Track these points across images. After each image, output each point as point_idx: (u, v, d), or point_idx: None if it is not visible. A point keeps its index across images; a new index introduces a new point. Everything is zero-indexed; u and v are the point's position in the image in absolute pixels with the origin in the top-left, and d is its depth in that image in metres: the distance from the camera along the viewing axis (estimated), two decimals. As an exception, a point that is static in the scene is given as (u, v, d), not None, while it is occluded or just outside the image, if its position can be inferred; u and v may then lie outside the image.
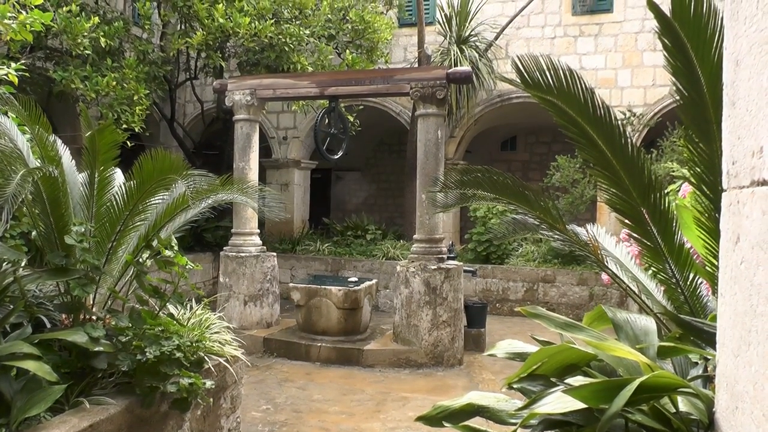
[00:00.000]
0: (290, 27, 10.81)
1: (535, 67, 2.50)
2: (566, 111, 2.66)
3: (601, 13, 13.59)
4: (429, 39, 13.53)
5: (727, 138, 1.35)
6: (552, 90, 2.57)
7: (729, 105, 1.34)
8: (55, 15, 9.17)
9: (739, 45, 1.27)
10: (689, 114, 2.67)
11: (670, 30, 2.28)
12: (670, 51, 2.41)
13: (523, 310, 2.35)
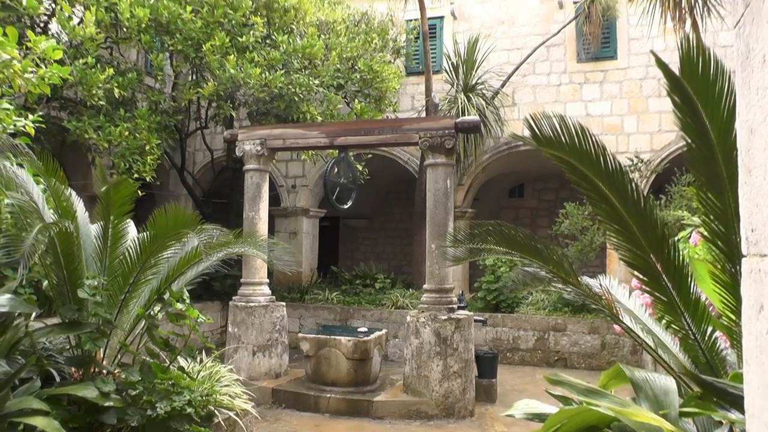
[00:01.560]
0: (300, 77, 10.98)
1: (546, 125, 2.54)
2: (579, 168, 2.68)
3: (606, 60, 13.76)
4: (436, 87, 13.70)
5: (744, 204, 1.36)
6: (564, 147, 2.60)
7: (745, 172, 1.35)
8: (72, 67, 9.35)
9: (752, 114, 1.28)
10: (700, 169, 2.68)
11: (679, 88, 2.31)
12: (679, 108, 2.44)
13: (546, 378, 2.33)
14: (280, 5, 11.41)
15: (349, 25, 13.12)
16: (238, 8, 10.71)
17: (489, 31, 14.38)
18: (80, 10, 10.63)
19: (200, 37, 10.60)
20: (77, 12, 10.70)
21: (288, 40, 11.11)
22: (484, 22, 14.54)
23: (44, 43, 5.69)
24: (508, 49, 14.31)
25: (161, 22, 10.56)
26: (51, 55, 5.81)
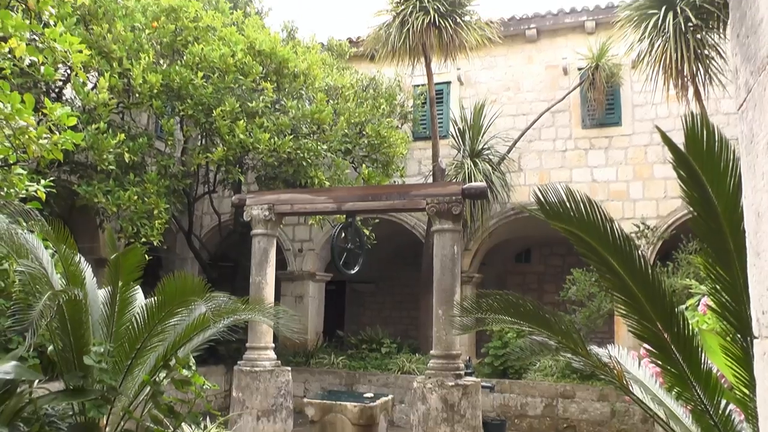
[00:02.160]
0: (308, 142, 11.14)
1: (554, 197, 2.57)
2: (586, 240, 2.70)
3: (610, 127, 13.93)
4: (443, 152, 13.84)
5: (754, 286, 1.37)
6: (571, 220, 2.62)
7: (753, 254, 1.36)
8: (84, 132, 9.51)
9: (758, 198, 1.30)
10: (707, 241, 2.69)
11: (684, 162, 2.35)
12: (685, 182, 2.47)
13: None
14: (290, 71, 11.66)
15: (357, 90, 13.38)
16: (249, 74, 10.95)
17: (495, 97, 14.62)
18: (94, 76, 10.87)
19: (211, 102, 10.80)
20: (91, 78, 10.94)
21: (297, 105, 11.32)
22: (491, 88, 14.80)
23: (59, 111, 5.81)
24: (514, 114, 14.52)
25: (173, 87, 10.78)
26: (65, 122, 5.93)
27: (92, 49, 9.81)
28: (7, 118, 5.44)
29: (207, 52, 10.74)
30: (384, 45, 12.95)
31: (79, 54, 6.19)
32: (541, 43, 14.71)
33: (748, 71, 1.31)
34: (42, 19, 6.41)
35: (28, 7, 5.94)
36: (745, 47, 1.33)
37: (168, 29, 11.00)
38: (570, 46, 14.32)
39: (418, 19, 12.33)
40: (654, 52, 11.24)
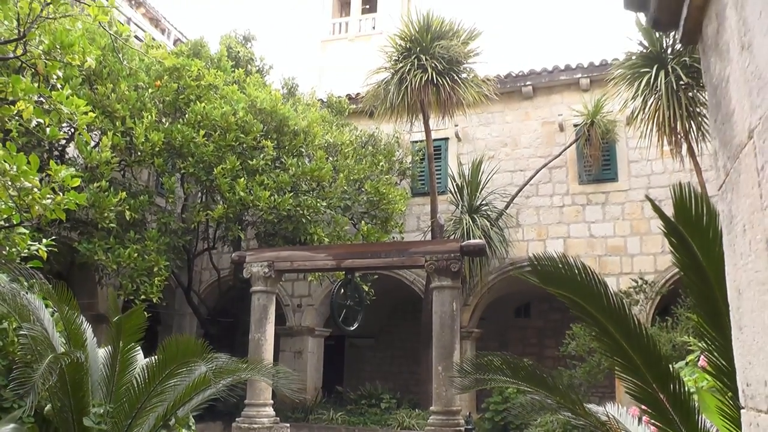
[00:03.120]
0: (308, 199, 11.25)
1: (550, 264, 2.63)
2: (582, 304, 2.76)
3: (607, 182, 14.07)
4: (441, 208, 13.95)
5: (738, 359, 1.43)
6: (567, 286, 2.68)
7: (737, 328, 1.43)
8: (86, 191, 9.62)
9: (739, 275, 1.37)
10: (701, 306, 2.75)
11: (674, 231, 2.42)
12: (676, 248, 2.54)
13: None
14: (290, 129, 11.85)
15: (356, 147, 13.56)
16: (250, 132, 11.13)
17: (492, 153, 14.81)
18: (97, 134, 11.04)
19: (212, 160, 10.95)
20: (94, 135, 11.10)
21: (297, 162, 11.47)
22: (488, 144, 15.01)
23: (64, 172, 5.91)
24: (512, 170, 14.69)
25: (174, 145, 10.94)
26: (69, 183, 6.02)
27: (96, 109, 10.00)
28: (13, 179, 5.53)
29: (209, 110, 10.94)
30: (383, 102, 13.16)
31: (85, 116, 6.32)
32: (537, 99, 14.98)
33: (726, 156, 1.40)
34: (49, 81, 6.58)
35: (37, 71, 6.09)
36: (721, 133, 1.42)
37: (171, 88, 11.22)
38: (565, 103, 14.58)
39: (416, 77, 12.56)
40: (647, 109, 11.43)
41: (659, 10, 1.65)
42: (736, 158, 1.30)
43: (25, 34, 5.59)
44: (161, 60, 7.37)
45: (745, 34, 1.19)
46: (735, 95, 1.28)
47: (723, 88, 1.37)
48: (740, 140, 1.27)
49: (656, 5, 1.64)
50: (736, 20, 1.24)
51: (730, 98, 1.32)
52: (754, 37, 1.14)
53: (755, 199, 1.19)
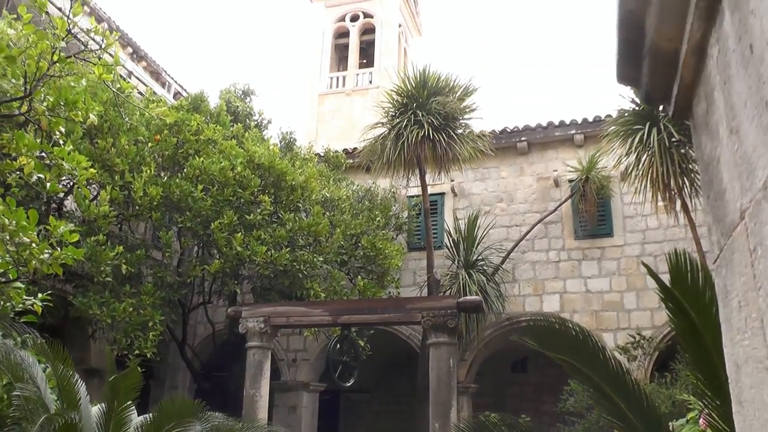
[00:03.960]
0: (304, 254, 11.26)
1: (546, 328, 2.64)
2: (581, 369, 2.76)
3: (602, 238, 14.13)
4: (438, 263, 13.94)
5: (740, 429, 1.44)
6: (564, 350, 2.69)
7: (736, 402, 1.44)
8: (84, 245, 9.62)
9: (736, 351, 1.39)
10: (699, 370, 2.76)
11: (671, 297, 2.45)
12: (674, 313, 2.56)
13: None
14: (287, 184, 11.93)
15: (353, 202, 13.63)
16: (248, 187, 11.20)
17: (488, 208, 14.90)
18: (95, 188, 11.09)
19: (209, 214, 10.99)
20: (92, 189, 11.15)
21: (294, 217, 11.52)
22: (484, 199, 15.11)
23: (63, 228, 5.93)
24: (508, 225, 14.76)
25: (172, 199, 10.99)
26: (68, 238, 6.04)
27: (96, 162, 10.07)
28: (12, 234, 5.55)
29: (207, 165, 11.03)
30: (379, 157, 13.28)
31: (85, 171, 6.37)
32: (532, 155, 15.15)
33: (719, 232, 1.43)
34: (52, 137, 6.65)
35: (41, 127, 6.17)
36: (715, 209, 1.46)
37: (170, 142, 11.34)
38: (560, 158, 14.74)
39: (412, 133, 12.69)
40: (641, 165, 11.55)
41: (651, 87, 1.71)
42: (729, 235, 1.34)
43: (32, 92, 5.68)
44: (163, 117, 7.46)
45: (733, 119, 1.24)
46: (726, 176, 1.33)
47: (714, 167, 1.42)
48: (732, 219, 1.30)
49: (648, 82, 1.70)
50: (724, 104, 1.29)
51: (722, 178, 1.36)
52: (741, 123, 1.18)
53: (749, 278, 1.22)
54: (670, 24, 1.47)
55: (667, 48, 1.55)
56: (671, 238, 13.40)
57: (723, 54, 1.28)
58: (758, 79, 1.06)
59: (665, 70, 1.61)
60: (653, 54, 1.59)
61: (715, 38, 1.34)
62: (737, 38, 1.18)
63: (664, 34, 1.51)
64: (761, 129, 1.06)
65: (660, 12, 1.46)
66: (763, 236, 1.10)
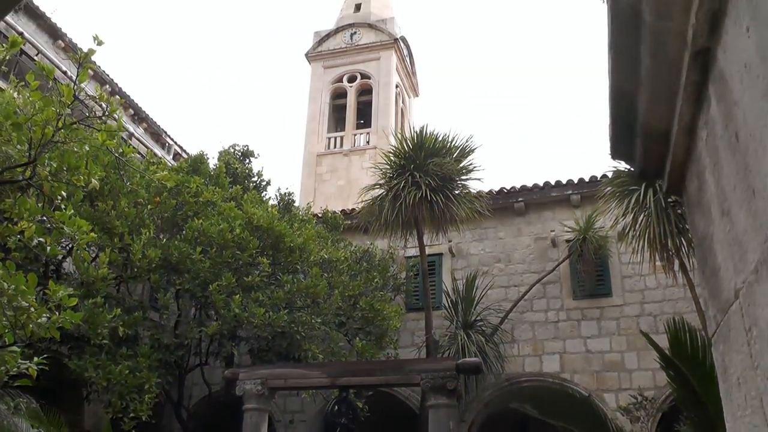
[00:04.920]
0: (302, 315, 11.20)
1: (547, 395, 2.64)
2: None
3: (601, 297, 14.12)
4: (436, 323, 13.88)
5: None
6: (569, 419, 2.68)
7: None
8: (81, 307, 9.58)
9: (738, 426, 1.40)
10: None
11: (671, 365, 2.46)
12: (674, 380, 2.57)
13: None
14: (286, 245, 11.95)
15: (351, 263, 13.63)
16: (246, 249, 11.22)
17: (486, 268, 14.92)
18: (94, 250, 11.10)
19: (208, 276, 10.98)
20: (91, 251, 11.15)
21: (292, 279, 11.51)
22: (482, 260, 15.14)
23: (62, 292, 5.94)
24: (506, 286, 14.75)
25: (171, 261, 10.99)
26: (66, 303, 6.03)
27: (95, 225, 10.11)
28: (10, 298, 5.55)
29: (206, 227, 11.08)
30: (377, 219, 13.35)
31: (86, 235, 6.41)
32: (530, 215, 15.25)
33: (716, 307, 1.46)
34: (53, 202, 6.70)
35: (42, 191, 6.23)
36: (710, 285, 1.49)
37: (170, 204, 11.41)
38: (557, 219, 14.84)
39: (410, 194, 12.79)
40: (638, 226, 11.61)
41: (644, 164, 1.77)
42: (725, 312, 1.37)
43: (36, 158, 5.76)
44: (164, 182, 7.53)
45: (724, 201, 1.28)
46: (720, 254, 1.37)
47: (708, 244, 1.46)
48: (727, 297, 1.34)
49: (641, 159, 1.76)
50: (715, 186, 1.34)
51: (716, 255, 1.40)
52: (732, 207, 1.23)
53: (746, 356, 1.25)
54: (661, 106, 1.54)
55: (658, 127, 1.61)
56: (670, 298, 13.38)
57: (712, 137, 1.34)
58: (745, 167, 1.11)
59: (657, 148, 1.67)
60: (645, 133, 1.65)
61: (704, 121, 1.40)
62: (724, 125, 1.24)
63: (655, 114, 1.58)
64: (750, 214, 1.10)
65: (650, 95, 1.53)
66: (758, 317, 1.14)
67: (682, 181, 1.68)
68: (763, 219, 1.04)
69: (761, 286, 1.08)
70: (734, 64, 1.15)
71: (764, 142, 1.00)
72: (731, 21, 1.18)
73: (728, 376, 1.44)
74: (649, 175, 1.82)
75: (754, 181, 1.06)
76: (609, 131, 1.83)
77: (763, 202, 1.02)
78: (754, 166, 1.05)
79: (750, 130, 1.06)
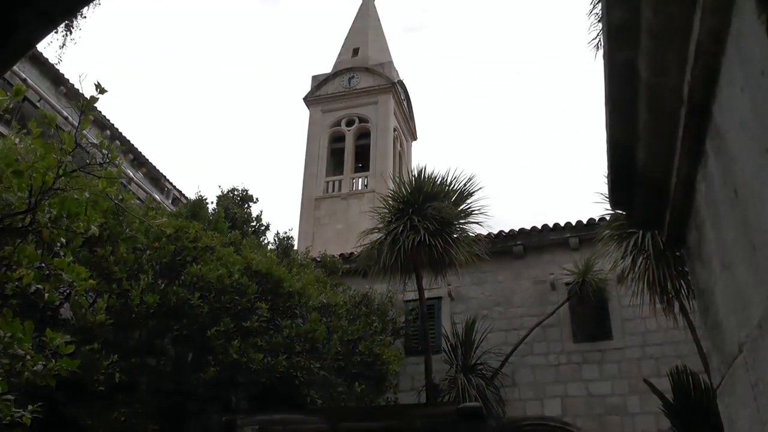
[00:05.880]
0: (301, 360, 11.11)
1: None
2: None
3: (602, 341, 14.03)
4: (436, 367, 13.77)
5: None
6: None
7: None
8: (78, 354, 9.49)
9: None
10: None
11: (675, 414, 2.44)
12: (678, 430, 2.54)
13: None
14: (284, 290, 11.91)
15: (350, 308, 13.57)
16: (245, 294, 11.18)
17: (486, 312, 14.86)
18: (92, 296, 11.05)
19: (206, 321, 10.92)
20: (89, 297, 11.10)
21: (291, 324, 11.44)
22: (481, 303, 15.09)
23: (59, 340, 5.90)
24: (506, 329, 14.67)
25: (169, 306, 10.93)
26: (63, 350, 5.99)
27: (94, 270, 10.08)
28: (6, 346, 5.52)
29: (205, 272, 11.05)
30: (376, 263, 13.35)
31: (84, 282, 6.39)
32: (528, 258, 15.26)
33: (719, 359, 1.46)
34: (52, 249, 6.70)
35: (42, 238, 6.23)
36: (713, 336, 1.49)
37: (168, 249, 11.39)
38: (556, 262, 14.84)
39: (409, 239, 12.82)
40: (637, 269, 11.59)
41: (643, 214, 1.78)
42: (730, 365, 1.37)
43: (36, 206, 5.77)
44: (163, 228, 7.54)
45: (725, 254, 1.29)
46: (722, 307, 1.37)
47: (709, 296, 1.46)
48: (731, 350, 1.34)
49: (640, 210, 1.77)
50: (715, 239, 1.36)
51: (718, 308, 1.40)
52: (733, 261, 1.24)
53: (753, 411, 1.24)
54: (659, 159, 1.56)
55: (657, 179, 1.63)
56: (672, 341, 13.30)
57: (710, 191, 1.35)
58: (745, 223, 1.13)
59: (656, 199, 1.69)
60: (644, 184, 1.67)
61: (702, 175, 1.42)
62: (722, 180, 1.25)
63: (653, 167, 1.60)
64: (751, 270, 1.11)
65: (648, 148, 1.55)
66: (763, 372, 1.14)
67: (681, 232, 1.69)
68: (765, 275, 1.04)
69: (766, 341, 1.08)
70: (730, 122, 1.17)
71: (763, 198, 1.02)
72: (725, 80, 1.20)
73: (735, 429, 1.43)
74: (648, 225, 1.83)
75: (754, 236, 1.07)
76: (607, 182, 1.85)
77: (765, 259, 1.03)
78: (754, 222, 1.06)
79: (749, 187, 1.07)
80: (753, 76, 1.05)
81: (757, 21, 1.06)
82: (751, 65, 1.07)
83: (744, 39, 1.11)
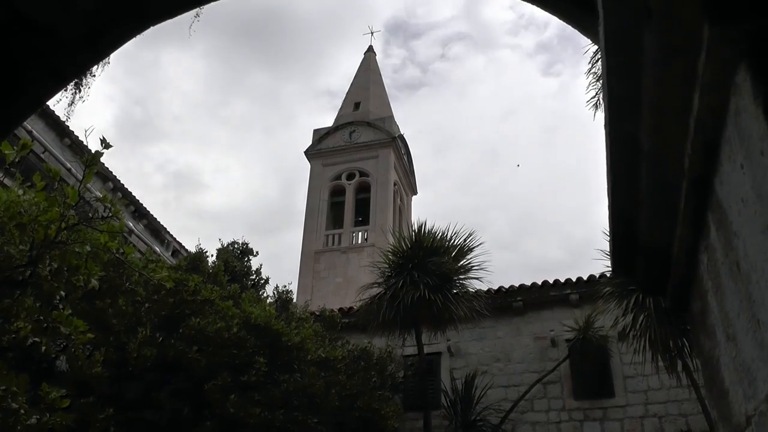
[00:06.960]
0: (299, 415, 10.97)
1: None
2: None
3: (603, 398, 13.85)
4: (435, 423, 13.60)
5: None
6: None
7: None
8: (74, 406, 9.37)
9: None
10: None
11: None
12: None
13: None
14: (283, 344, 11.82)
15: (348, 362, 13.44)
16: (243, 348, 11.09)
17: (486, 368, 14.71)
18: (89, 348, 10.95)
19: (204, 375, 10.81)
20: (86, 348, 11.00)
21: (289, 378, 11.33)
22: (480, 359, 14.95)
23: (54, 394, 5.85)
24: (506, 385, 14.51)
25: (167, 359, 10.84)
26: (59, 405, 5.94)
27: (92, 323, 10.02)
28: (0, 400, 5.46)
29: (204, 325, 10.98)
30: (375, 318, 13.30)
31: (82, 335, 6.36)
32: (528, 315, 15.17)
33: (727, 429, 1.46)
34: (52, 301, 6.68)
35: (41, 290, 6.22)
36: (719, 406, 1.49)
37: (167, 302, 11.35)
38: (557, 318, 14.75)
39: (408, 294, 12.78)
40: (638, 326, 11.52)
41: (646, 281, 1.80)
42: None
43: (37, 259, 5.78)
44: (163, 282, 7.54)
45: (729, 326, 1.30)
46: (727, 378, 1.37)
47: (714, 366, 1.47)
48: (739, 421, 1.33)
49: (643, 276, 1.79)
50: (719, 310, 1.36)
51: (723, 378, 1.41)
52: (737, 333, 1.25)
53: (763, 485, 1.23)
54: (661, 228, 1.58)
55: (659, 247, 1.65)
56: (675, 399, 13.14)
57: (713, 263, 1.37)
58: (748, 297, 1.14)
59: (659, 266, 1.70)
60: (646, 252, 1.69)
61: (704, 246, 1.44)
62: (725, 253, 1.27)
63: (655, 235, 1.62)
64: (756, 344, 1.12)
65: (650, 217, 1.57)
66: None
67: (685, 300, 1.70)
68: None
69: (773, 416, 1.09)
70: (731, 197, 1.19)
71: (767, 275, 1.03)
72: (726, 155, 1.23)
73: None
74: (651, 291, 1.85)
75: (759, 311, 1.08)
76: (610, 248, 1.87)
77: (770, 335, 1.04)
78: (758, 297, 1.08)
79: (751, 262, 1.09)
80: (753, 155, 1.08)
81: (753, 102, 1.09)
82: (750, 143, 1.10)
83: (742, 117, 1.15)
